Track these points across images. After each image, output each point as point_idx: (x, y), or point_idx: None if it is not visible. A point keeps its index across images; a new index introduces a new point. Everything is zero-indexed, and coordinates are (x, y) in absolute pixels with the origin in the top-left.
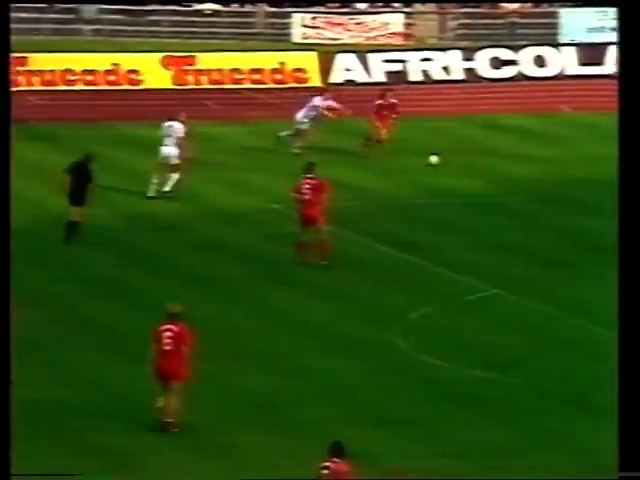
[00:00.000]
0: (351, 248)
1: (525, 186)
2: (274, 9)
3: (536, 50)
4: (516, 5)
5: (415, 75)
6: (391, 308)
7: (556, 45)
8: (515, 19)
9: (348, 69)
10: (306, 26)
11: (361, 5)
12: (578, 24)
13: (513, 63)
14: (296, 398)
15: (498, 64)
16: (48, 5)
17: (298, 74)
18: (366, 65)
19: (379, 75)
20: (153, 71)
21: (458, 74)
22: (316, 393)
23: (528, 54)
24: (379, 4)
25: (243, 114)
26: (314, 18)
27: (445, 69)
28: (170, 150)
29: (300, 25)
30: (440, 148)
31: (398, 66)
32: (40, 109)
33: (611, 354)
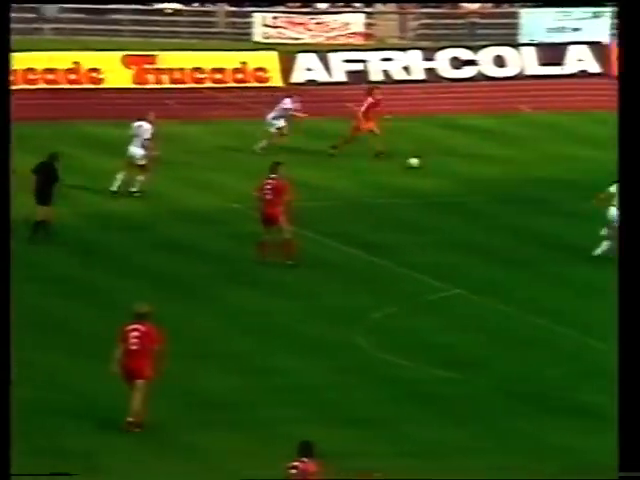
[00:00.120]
0: (313, 248)
1: (485, 186)
2: (235, 8)
3: (496, 50)
4: (476, 5)
5: (376, 75)
6: (354, 308)
7: (516, 45)
8: (475, 19)
9: (309, 69)
10: (267, 26)
11: (322, 5)
12: (538, 24)
13: (473, 63)
14: (259, 398)
15: (458, 64)
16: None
17: (259, 73)
18: (327, 65)
19: (340, 75)
20: (114, 70)
21: (418, 74)
22: (279, 393)
23: (488, 54)
24: (340, 4)
25: (204, 113)
26: (275, 18)
27: (405, 69)
28: (136, 150)
29: (261, 25)
30: (401, 148)
31: (359, 66)
32: None
33: (572, 353)
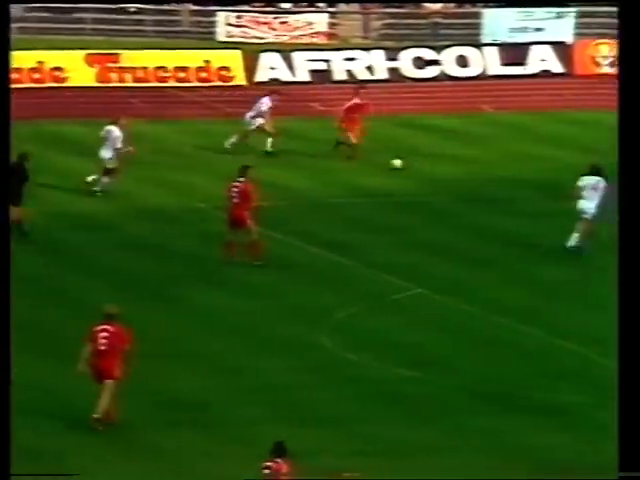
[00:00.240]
0: (278, 248)
1: (449, 185)
2: (199, 7)
3: (459, 50)
4: (439, 5)
5: (339, 74)
6: (318, 307)
7: (478, 45)
8: (438, 19)
9: (273, 68)
10: (231, 25)
11: (285, 4)
12: (500, 24)
13: (436, 63)
14: (226, 398)
15: (421, 64)
16: None
17: (223, 72)
18: (290, 64)
19: (303, 74)
20: (77, 69)
21: (382, 74)
22: (246, 393)
23: (451, 54)
24: (303, 4)
25: (168, 112)
26: (239, 17)
27: (369, 69)
28: (105, 154)
29: (225, 24)
30: (364, 147)
31: (322, 65)
32: None
33: (536, 352)
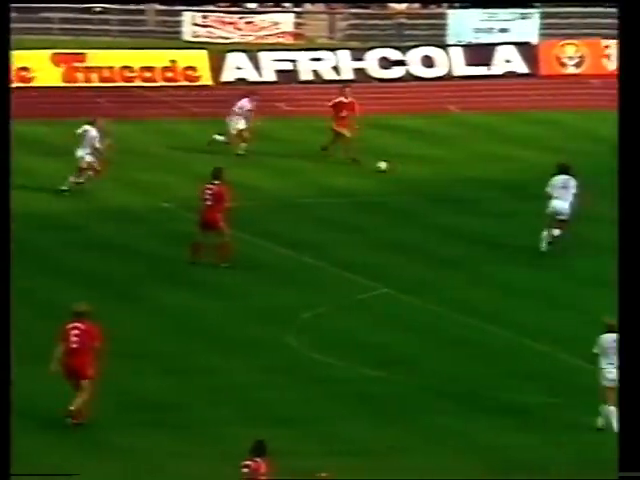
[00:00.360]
0: (243, 248)
1: (415, 186)
2: (165, 7)
3: (424, 51)
4: (404, 6)
5: (305, 74)
6: (284, 307)
7: (444, 46)
8: (403, 20)
9: (239, 68)
10: (197, 25)
11: (251, 5)
12: (465, 25)
13: (402, 63)
14: (193, 398)
15: (387, 64)
16: None
17: (189, 72)
18: (257, 64)
19: (270, 74)
20: (43, 68)
21: (348, 74)
22: (212, 393)
23: (416, 55)
24: (269, 4)
25: (134, 112)
26: (205, 17)
27: (335, 69)
28: (81, 153)
29: (191, 23)
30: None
31: (288, 65)
32: None
33: (502, 352)
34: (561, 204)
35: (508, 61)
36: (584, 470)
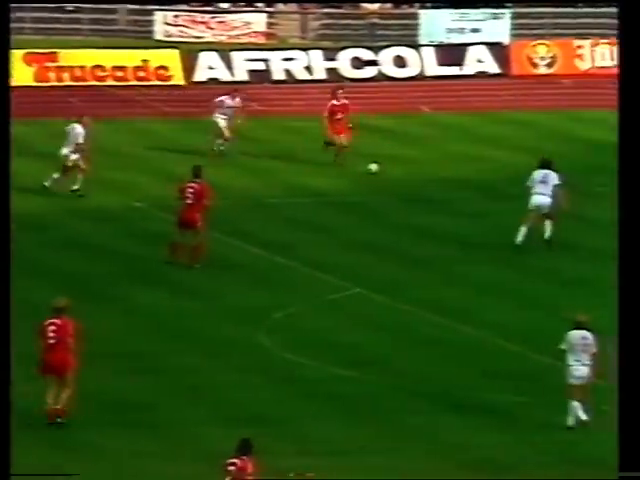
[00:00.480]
0: (217, 248)
1: (387, 185)
2: (136, 6)
3: (396, 51)
4: (376, 6)
5: (278, 74)
6: (256, 307)
7: (415, 46)
8: (375, 20)
9: (211, 67)
10: (169, 24)
11: (223, 4)
12: (437, 25)
13: (374, 63)
14: (166, 398)
15: (359, 64)
16: None
17: (161, 72)
18: (229, 64)
19: (242, 74)
20: (15, 68)
21: (320, 74)
22: (185, 392)
23: (388, 55)
24: (241, 3)
25: (106, 111)
26: (176, 16)
27: (307, 69)
28: (65, 151)
29: (163, 23)
30: (303, 148)
31: (261, 65)
32: None
33: (474, 352)
34: (541, 199)
35: (480, 61)
36: (555, 469)
